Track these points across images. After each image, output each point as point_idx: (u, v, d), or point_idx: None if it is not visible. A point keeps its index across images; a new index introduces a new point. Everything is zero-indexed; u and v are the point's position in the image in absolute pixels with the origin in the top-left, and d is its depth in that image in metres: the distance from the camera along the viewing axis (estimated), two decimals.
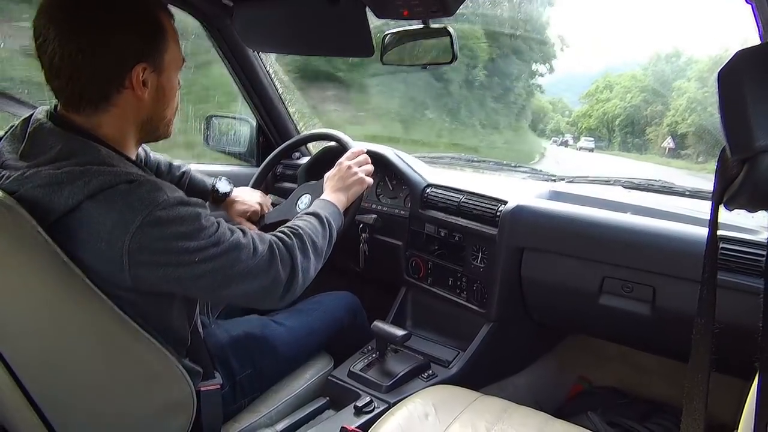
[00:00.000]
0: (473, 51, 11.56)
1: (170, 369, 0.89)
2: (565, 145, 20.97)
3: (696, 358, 0.56)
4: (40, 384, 0.80)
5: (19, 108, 1.29)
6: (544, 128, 22.88)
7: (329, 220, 1.10)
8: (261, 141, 1.91)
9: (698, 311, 0.58)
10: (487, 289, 1.41)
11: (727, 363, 0.70)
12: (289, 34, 1.29)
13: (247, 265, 0.87)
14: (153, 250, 0.79)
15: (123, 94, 0.85)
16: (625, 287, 1.22)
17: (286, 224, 1.05)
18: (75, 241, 0.78)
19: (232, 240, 0.87)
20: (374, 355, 1.37)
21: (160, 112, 0.92)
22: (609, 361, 1.68)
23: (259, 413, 1.16)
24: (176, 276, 0.81)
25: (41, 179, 0.77)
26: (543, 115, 23.12)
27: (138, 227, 0.77)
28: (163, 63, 0.88)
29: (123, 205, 0.78)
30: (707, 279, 0.58)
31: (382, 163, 1.62)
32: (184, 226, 0.82)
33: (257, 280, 0.89)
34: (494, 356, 1.45)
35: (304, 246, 0.98)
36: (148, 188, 0.80)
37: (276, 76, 1.79)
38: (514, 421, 0.99)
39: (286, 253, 0.94)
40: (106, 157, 0.82)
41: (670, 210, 1.30)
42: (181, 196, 0.85)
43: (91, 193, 0.77)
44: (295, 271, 0.94)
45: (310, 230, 1.03)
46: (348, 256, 1.59)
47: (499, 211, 1.37)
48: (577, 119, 24.45)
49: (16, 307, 0.77)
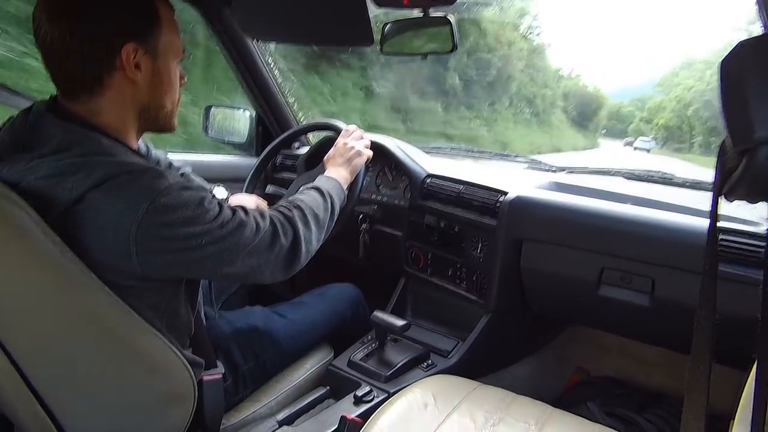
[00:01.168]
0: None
1: (172, 360, 0.89)
2: (630, 146, 20.02)
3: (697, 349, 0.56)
4: (42, 374, 0.80)
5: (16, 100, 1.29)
6: (624, 129, 21.13)
7: (330, 193, 1.10)
8: (260, 131, 1.90)
9: (699, 302, 0.58)
10: (487, 279, 1.42)
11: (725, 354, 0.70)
12: (289, 23, 1.28)
13: (253, 242, 0.88)
14: (160, 237, 0.79)
15: (115, 77, 0.85)
16: (624, 278, 1.22)
17: (293, 196, 1.05)
18: (83, 232, 0.78)
19: (235, 219, 0.87)
20: (374, 345, 1.37)
21: (158, 100, 0.91)
22: (607, 352, 1.68)
23: (260, 403, 1.17)
24: (184, 259, 0.82)
25: (43, 170, 0.78)
26: (617, 114, 21.17)
27: (144, 214, 0.78)
28: (157, 47, 0.88)
29: (127, 194, 0.78)
30: (708, 270, 0.58)
31: (382, 153, 1.61)
32: (189, 210, 0.82)
33: (263, 255, 0.90)
34: (493, 346, 1.46)
35: (305, 217, 0.99)
36: (150, 176, 0.80)
37: (275, 65, 1.78)
38: (512, 410, 1.00)
39: (288, 225, 0.95)
40: (107, 147, 0.83)
41: (670, 201, 1.30)
42: (183, 181, 0.85)
43: (95, 183, 0.77)
44: (298, 240, 0.95)
45: (309, 202, 1.03)
46: (348, 246, 1.59)
47: (499, 202, 1.37)
48: (652, 113, 22.36)
49: (18, 298, 0.78)
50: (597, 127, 15.20)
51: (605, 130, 14.40)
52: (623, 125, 21.23)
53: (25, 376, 0.78)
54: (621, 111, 22.73)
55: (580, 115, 17.66)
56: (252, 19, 1.34)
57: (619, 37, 25.41)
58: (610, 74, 20.82)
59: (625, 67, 19.31)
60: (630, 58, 20.69)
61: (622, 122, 21.49)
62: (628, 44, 22.72)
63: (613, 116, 19.65)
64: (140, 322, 0.84)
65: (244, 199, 1.45)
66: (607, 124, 17.00)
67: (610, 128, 17.24)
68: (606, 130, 14.85)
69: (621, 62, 20.11)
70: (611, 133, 16.64)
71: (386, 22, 1.25)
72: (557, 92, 17.19)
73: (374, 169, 1.67)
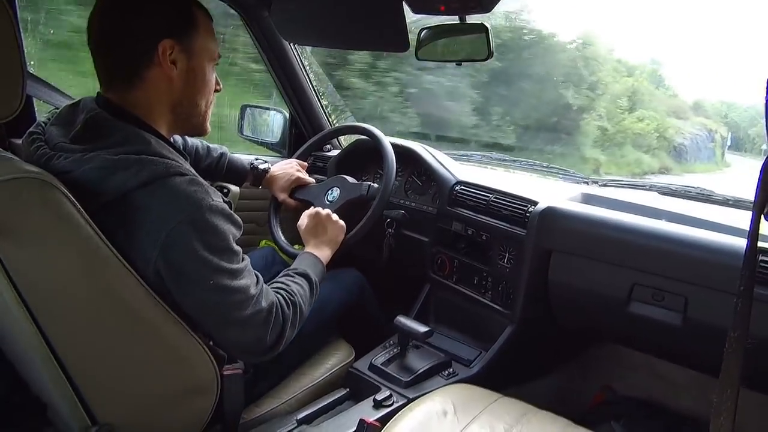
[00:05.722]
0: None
1: (198, 352, 0.92)
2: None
3: (726, 372, 0.55)
4: (75, 358, 0.83)
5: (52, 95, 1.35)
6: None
7: (317, 285, 1.11)
8: (293, 132, 1.93)
9: (732, 324, 0.56)
10: (513, 290, 1.40)
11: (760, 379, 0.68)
12: (326, 28, 1.30)
13: (244, 315, 0.89)
14: (181, 252, 0.83)
15: (153, 71, 0.90)
16: (656, 296, 1.19)
17: (288, 281, 1.06)
18: (122, 225, 0.83)
19: (243, 282, 0.89)
20: (396, 350, 1.37)
21: (192, 98, 0.96)
22: (635, 371, 1.63)
23: (280, 399, 1.18)
24: (185, 290, 0.86)
25: (99, 162, 0.83)
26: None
27: (177, 223, 0.82)
28: (193, 47, 0.92)
29: (170, 198, 0.83)
30: (744, 291, 0.56)
31: (411, 158, 1.62)
32: (217, 238, 0.85)
33: (246, 333, 0.92)
34: (517, 358, 1.44)
35: (296, 319, 1.00)
36: (196, 188, 0.84)
37: (310, 68, 1.81)
38: (533, 425, 0.98)
39: (281, 322, 0.96)
40: (157, 146, 0.88)
41: (707, 219, 1.25)
42: (225, 206, 0.88)
43: (143, 182, 0.82)
44: (280, 340, 0.97)
45: (302, 300, 1.04)
46: (372, 247, 1.60)
47: (529, 212, 1.35)
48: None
49: (56, 284, 0.81)
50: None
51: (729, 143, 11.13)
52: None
53: (60, 359, 0.81)
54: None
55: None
56: (290, 23, 1.36)
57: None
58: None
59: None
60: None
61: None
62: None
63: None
64: (168, 314, 0.87)
65: (284, 165, 1.50)
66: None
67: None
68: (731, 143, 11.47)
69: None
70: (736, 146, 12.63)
71: (422, 28, 1.26)
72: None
73: (403, 175, 1.67)
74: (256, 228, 1.75)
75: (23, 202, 0.75)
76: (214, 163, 1.40)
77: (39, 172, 0.77)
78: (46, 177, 0.77)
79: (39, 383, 0.91)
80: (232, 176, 1.46)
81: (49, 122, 0.93)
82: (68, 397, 0.83)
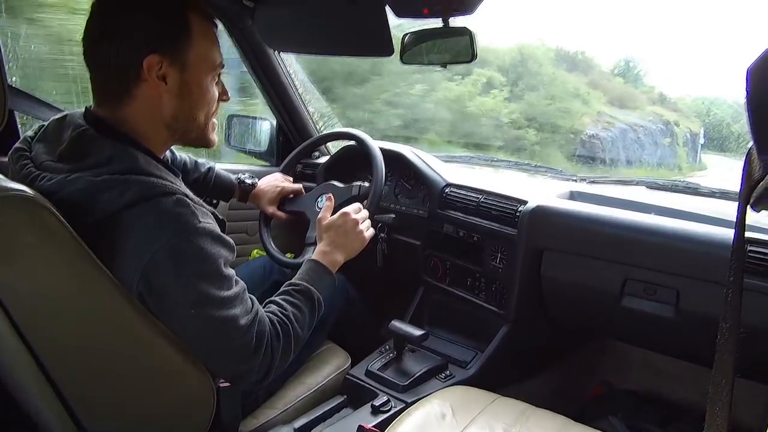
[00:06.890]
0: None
1: (191, 366, 0.90)
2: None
3: (720, 362, 0.55)
4: (67, 376, 0.82)
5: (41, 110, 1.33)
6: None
7: (320, 302, 1.03)
8: (281, 140, 1.92)
9: (723, 315, 0.56)
10: (506, 290, 1.40)
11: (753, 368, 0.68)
12: (310, 35, 1.30)
13: (230, 347, 0.86)
14: (163, 278, 0.80)
15: (141, 88, 0.86)
16: (648, 289, 1.20)
17: (287, 303, 0.98)
18: (109, 244, 0.80)
19: (231, 313, 0.84)
20: (392, 355, 1.37)
21: (188, 112, 0.91)
22: (631, 365, 1.65)
23: (277, 410, 1.17)
24: (168, 316, 0.83)
25: (82, 183, 0.80)
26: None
27: (160, 248, 0.78)
28: (186, 59, 0.87)
29: (154, 220, 0.80)
30: (733, 282, 0.57)
31: (400, 162, 1.62)
32: (203, 264, 0.82)
33: (231, 365, 0.89)
34: (513, 358, 1.44)
35: (289, 348, 0.94)
36: (182, 209, 0.81)
37: (295, 76, 1.81)
38: (532, 424, 0.98)
39: (269, 355, 0.90)
40: (144, 164, 0.84)
41: (695, 211, 1.27)
42: (213, 228, 0.84)
43: (128, 202, 0.79)
44: (269, 372, 0.91)
45: (300, 325, 0.97)
46: (366, 255, 1.60)
47: (519, 212, 1.35)
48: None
49: (46, 302, 0.80)
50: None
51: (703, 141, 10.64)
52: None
53: (51, 377, 0.80)
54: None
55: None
56: (273, 30, 1.36)
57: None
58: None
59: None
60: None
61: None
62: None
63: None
64: (160, 330, 0.85)
65: (270, 179, 1.49)
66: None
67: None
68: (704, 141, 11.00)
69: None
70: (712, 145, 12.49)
71: (406, 33, 1.26)
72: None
73: (393, 179, 1.67)
74: (247, 238, 1.74)
75: (10, 220, 0.74)
76: (201, 178, 1.38)
77: (26, 191, 0.75)
78: (33, 195, 0.76)
79: (29, 401, 0.89)
80: (219, 191, 1.43)
81: (35, 138, 0.91)
82: (60, 414, 0.82)
